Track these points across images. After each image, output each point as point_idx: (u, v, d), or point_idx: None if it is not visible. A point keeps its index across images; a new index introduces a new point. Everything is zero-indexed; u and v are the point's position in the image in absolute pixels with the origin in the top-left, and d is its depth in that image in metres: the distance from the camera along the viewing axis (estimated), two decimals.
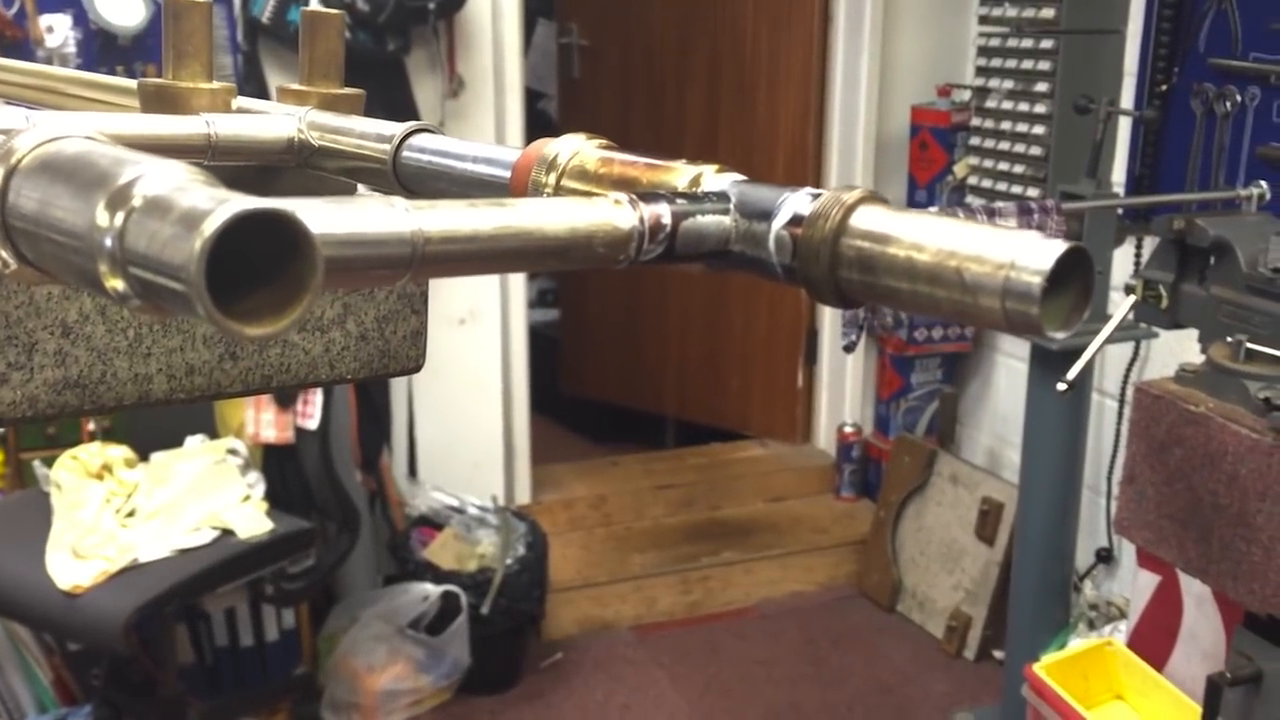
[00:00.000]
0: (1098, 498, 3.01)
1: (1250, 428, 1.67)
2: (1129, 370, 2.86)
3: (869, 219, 0.32)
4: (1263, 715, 1.75)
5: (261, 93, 2.93)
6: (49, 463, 2.49)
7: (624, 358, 4.21)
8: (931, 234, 0.31)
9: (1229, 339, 1.80)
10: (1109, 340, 2.16)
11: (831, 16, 3.54)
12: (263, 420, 2.52)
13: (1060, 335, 0.30)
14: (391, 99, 3.02)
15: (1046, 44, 2.92)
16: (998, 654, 3.05)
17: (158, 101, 0.44)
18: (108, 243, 0.25)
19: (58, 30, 2.76)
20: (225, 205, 0.22)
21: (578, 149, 0.37)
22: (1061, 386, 2.12)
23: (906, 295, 0.31)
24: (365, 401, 2.89)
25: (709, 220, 0.33)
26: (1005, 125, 3.07)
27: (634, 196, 0.32)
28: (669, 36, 3.92)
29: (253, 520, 2.41)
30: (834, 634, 3.27)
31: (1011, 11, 3.01)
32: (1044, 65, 2.94)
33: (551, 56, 4.37)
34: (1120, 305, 2.14)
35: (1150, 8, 2.80)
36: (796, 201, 0.33)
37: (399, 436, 3.19)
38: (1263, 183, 2.11)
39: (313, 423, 2.55)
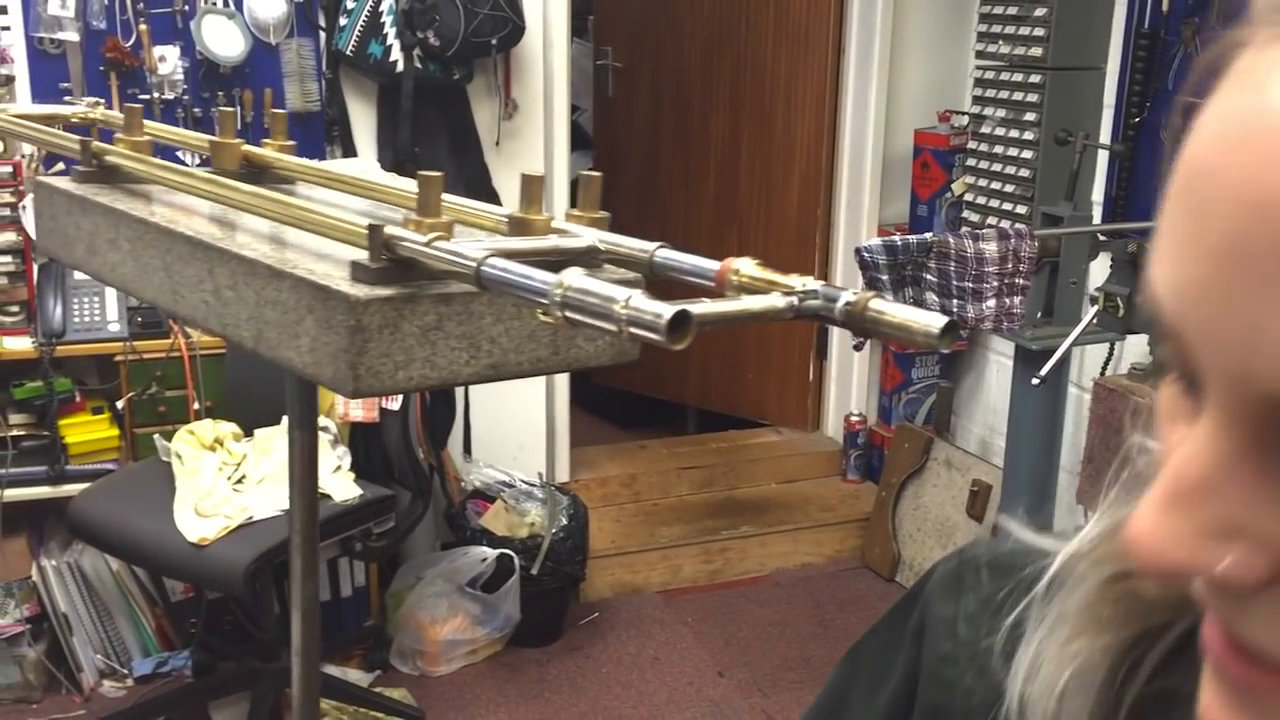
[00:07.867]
0: (1075, 479, 3.39)
1: None
2: (1104, 368, 3.24)
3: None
4: None
5: (342, 113, 3.32)
6: (167, 437, 2.88)
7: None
8: None
9: None
10: (1076, 342, 2.55)
11: (844, 47, 3.92)
12: (352, 401, 2.91)
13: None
14: (454, 121, 3.41)
15: (1035, 79, 3.31)
16: None
17: (519, 226, 0.83)
18: (622, 314, 0.62)
19: (169, 60, 3.13)
20: (669, 306, 0.60)
21: (749, 265, 0.74)
22: (1035, 381, 2.52)
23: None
24: (439, 390, 3.28)
25: (818, 302, 0.71)
26: (998, 149, 3.45)
27: (786, 290, 0.70)
28: (696, 61, 4.30)
29: (344, 487, 2.80)
30: (839, 600, 3.66)
31: (1005, 48, 3.39)
32: (1033, 98, 3.32)
33: (585, 74, 4.76)
34: (1086, 313, 2.54)
35: (1126, 48, 3.19)
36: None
37: (456, 420, 3.58)
38: None
39: (395, 404, 2.94)
